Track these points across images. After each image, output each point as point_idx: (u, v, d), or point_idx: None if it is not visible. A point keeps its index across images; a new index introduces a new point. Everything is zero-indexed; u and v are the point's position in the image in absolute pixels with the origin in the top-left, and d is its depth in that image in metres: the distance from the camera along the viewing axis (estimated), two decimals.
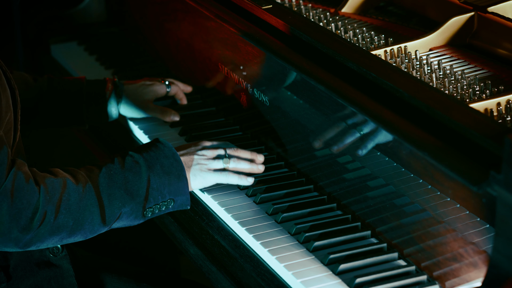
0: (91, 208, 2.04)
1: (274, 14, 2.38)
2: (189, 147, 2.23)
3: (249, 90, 2.44)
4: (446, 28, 2.35)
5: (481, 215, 1.79)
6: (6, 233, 1.96)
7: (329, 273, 1.94)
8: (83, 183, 2.05)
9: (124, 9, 3.18)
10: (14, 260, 2.19)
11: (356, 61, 2.11)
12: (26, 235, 1.98)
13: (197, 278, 2.72)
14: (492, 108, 2.00)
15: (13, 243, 1.98)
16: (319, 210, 2.16)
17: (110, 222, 2.08)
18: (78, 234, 2.05)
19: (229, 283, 2.06)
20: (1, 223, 1.95)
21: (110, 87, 2.58)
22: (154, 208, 2.12)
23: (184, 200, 2.15)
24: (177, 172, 2.13)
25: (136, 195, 2.08)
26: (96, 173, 2.08)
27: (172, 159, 2.14)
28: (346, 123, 2.09)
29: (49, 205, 1.98)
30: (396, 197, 1.99)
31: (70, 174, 2.06)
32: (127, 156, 2.12)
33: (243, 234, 2.10)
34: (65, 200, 2.01)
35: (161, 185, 2.11)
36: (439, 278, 1.89)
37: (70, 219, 2.02)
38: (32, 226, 1.97)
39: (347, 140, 2.11)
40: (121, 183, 2.07)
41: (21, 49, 3.66)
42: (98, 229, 2.07)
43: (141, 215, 2.12)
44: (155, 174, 2.10)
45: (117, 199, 2.06)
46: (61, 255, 2.23)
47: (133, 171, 2.09)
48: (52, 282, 2.22)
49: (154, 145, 2.17)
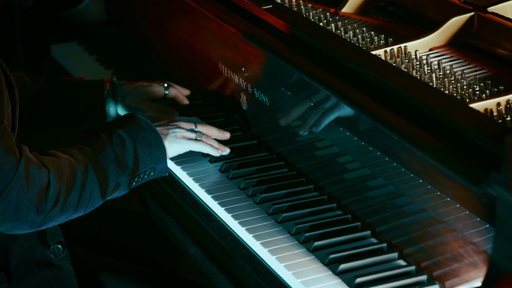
0: (92, 184, 2.12)
1: (274, 14, 2.38)
2: (162, 120, 2.35)
3: (249, 90, 2.44)
4: (446, 28, 2.35)
5: (481, 215, 1.79)
6: (24, 216, 2.02)
7: (329, 273, 1.94)
8: (82, 162, 2.13)
9: (124, 9, 3.18)
10: (14, 260, 2.20)
11: (356, 61, 2.11)
12: (40, 216, 2.04)
13: (197, 278, 2.72)
14: (492, 108, 2.00)
15: (28, 225, 2.04)
16: (319, 210, 2.16)
17: (107, 195, 2.17)
18: (81, 210, 2.13)
19: (229, 283, 2.06)
20: (20, 208, 2.00)
21: (108, 87, 2.59)
22: (137, 177, 2.22)
23: (163, 167, 2.26)
24: (156, 142, 2.24)
25: (126, 167, 2.18)
26: (88, 151, 2.16)
27: (150, 130, 2.25)
28: (346, 123, 2.09)
29: (60, 186, 2.06)
30: (396, 197, 1.99)
31: (68, 154, 2.14)
32: (112, 133, 2.21)
33: (243, 234, 2.10)
34: (71, 179, 2.09)
35: (144, 156, 2.21)
36: (439, 278, 1.89)
37: (76, 197, 2.09)
38: (47, 207, 2.04)
39: (347, 140, 2.11)
40: (112, 158, 2.16)
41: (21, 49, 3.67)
42: (97, 203, 2.16)
43: (127, 186, 2.21)
44: (139, 146, 2.21)
45: (112, 173, 2.16)
46: (62, 256, 2.24)
47: (120, 146, 2.19)
48: (53, 282, 2.23)
49: (131, 119, 2.27)
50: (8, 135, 2.00)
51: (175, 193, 2.31)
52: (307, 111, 2.22)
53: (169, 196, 2.33)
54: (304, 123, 2.24)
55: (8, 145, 1.99)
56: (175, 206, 2.30)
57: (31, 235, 2.21)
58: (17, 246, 2.20)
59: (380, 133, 1.99)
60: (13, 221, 2.01)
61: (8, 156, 1.97)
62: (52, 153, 2.13)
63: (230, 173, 2.32)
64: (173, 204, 2.31)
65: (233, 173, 2.32)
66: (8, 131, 2.01)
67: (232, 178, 2.31)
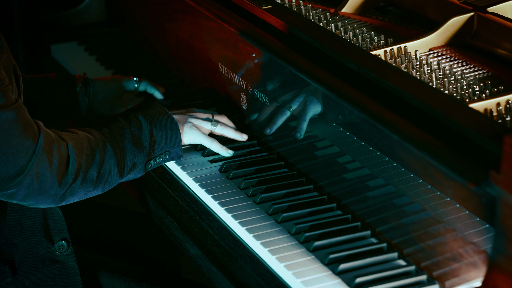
0: (110, 161, 2.17)
1: (274, 14, 2.38)
2: (180, 109, 2.41)
3: (249, 90, 2.44)
4: (446, 28, 2.35)
5: (481, 215, 1.80)
6: (48, 190, 2.07)
7: (329, 273, 1.94)
8: (99, 139, 2.18)
9: (124, 9, 3.19)
10: (19, 255, 2.21)
11: (356, 61, 2.11)
12: (62, 189, 2.09)
13: (197, 278, 2.72)
14: (491, 108, 2.00)
15: (51, 198, 2.09)
16: (319, 210, 2.16)
17: (124, 174, 2.22)
18: (100, 187, 2.17)
19: (229, 283, 2.06)
20: (44, 181, 2.05)
21: (80, 84, 2.64)
22: (153, 160, 2.27)
23: (177, 151, 2.32)
24: (171, 126, 2.30)
25: (142, 148, 2.23)
26: (106, 131, 2.22)
27: (165, 115, 2.30)
28: (346, 123, 2.10)
29: (79, 159, 2.11)
30: (396, 197, 1.99)
31: (87, 131, 2.19)
32: (129, 115, 2.27)
33: (243, 234, 2.10)
34: (90, 154, 2.14)
35: (160, 138, 2.27)
36: (439, 278, 1.89)
37: (95, 172, 2.14)
38: (68, 180, 2.09)
39: (347, 140, 2.11)
40: (129, 137, 2.22)
41: (21, 49, 3.66)
42: (115, 181, 2.21)
43: (144, 167, 2.26)
44: (155, 128, 2.26)
45: (129, 152, 2.21)
46: (67, 252, 2.25)
47: (137, 127, 2.24)
48: (57, 279, 2.23)
49: (147, 104, 2.33)
50: (24, 111, 2.05)
51: (175, 193, 2.31)
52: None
53: (169, 196, 2.33)
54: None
55: (27, 120, 2.04)
56: (175, 206, 2.30)
57: (37, 230, 2.22)
58: (22, 240, 2.21)
59: (380, 133, 1.99)
60: (37, 195, 2.06)
61: (28, 131, 2.03)
62: (71, 130, 2.18)
63: (230, 173, 2.32)
64: (173, 204, 2.31)
65: (233, 173, 2.32)
66: (24, 107, 2.06)
67: (232, 178, 2.31)
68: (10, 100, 2.02)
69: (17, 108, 2.02)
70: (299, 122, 2.26)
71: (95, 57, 3.12)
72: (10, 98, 2.02)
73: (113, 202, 2.60)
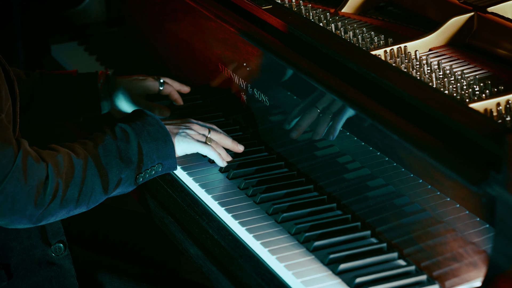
0: (93, 178, 2.11)
1: (274, 14, 2.38)
2: (176, 120, 2.34)
3: (249, 90, 2.44)
4: (446, 28, 2.35)
5: (481, 215, 1.79)
6: (22, 210, 2.01)
7: (329, 273, 1.94)
8: (82, 156, 2.12)
9: (124, 9, 3.19)
10: (15, 258, 2.20)
11: (356, 61, 2.11)
12: (39, 210, 2.03)
13: (197, 278, 2.72)
14: (491, 108, 2.00)
15: (27, 219, 2.03)
16: (319, 210, 2.16)
17: (110, 190, 2.15)
18: (83, 205, 2.12)
19: (229, 283, 2.06)
20: (17, 201, 2.00)
21: (102, 80, 2.60)
22: (144, 173, 2.21)
23: (171, 163, 2.25)
24: (163, 137, 2.22)
25: (130, 162, 2.17)
26: (90, 145, 2.15)
27: (156, 125, 2.23)
28: (346, 123, 2.09)
29: (59, 179, 2.05)
30: (396, 197, 1.99)
31: (69, 148, 2.13)
32: (116, 127, 2.21)
33: (243, 234, 2.10)
34: (70, 173, 2.08)
35: (150, 151, 2.20)
36: (439, 278, 1.89)
37: (76, 191, 2.09)
38: (45, 201, 2.03)
39: (347, 140, 2.11)
40: (115, 152, 2.16)
41: (21, 49, 3.67)
42: (100, 198, 2.15)
43: (134, 181, 2.20)
44: (144, 140, 2.19)
45: (114, 167, 2.14)
46: (63, 255, 2.24)
47: (123, 140, 2.18)
48: (53, 281, 2.23)
49: (138, 114, 2.26)
50: (4, 127, 2.00)
51: (175, 193, 2.31)
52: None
53: (169, 196, 2.33)
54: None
55: (5, 138, 1.98)
56: (175, 206, 2.30)
57: (33, 233, 2.21)
58: (18, 244, 2.20)
59: (380, 133, 1.99)
60: (10, 215, 2.00)
61: (5, 149, 1.97)
62: (52, 147, 2.13)
63: (230, 173, 2.32)
64: (173, 204, 2.31)
65: (233, 173, 2.32)
66: (4, 123, 2.00)
67: (232, 178, 2.31)
68: None
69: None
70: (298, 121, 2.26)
71: (95, 57, 3.12)
72: None
73: (113, 202, 2.60)
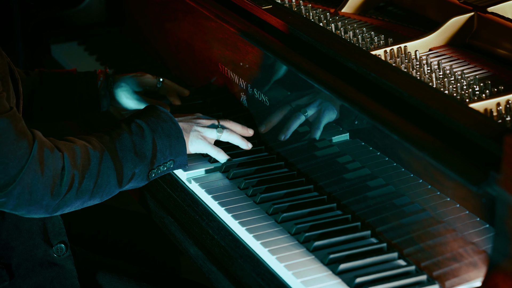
0: (108, 171, 2.13)
1: (274, 14, 2.38)
2: (186, 115, 2.35)
3: (249, 90, 2.44)
4: (446, 28, 2.35)
5: (481, 215, 1.79)
6: (39, 201, 2.03)
7: (329, 273, 1.94)
8: (99, 148, 2.14)
9: (124, 9, 3.19)
10: (17, 258, 2.20)
11: (356, 61, 2.11)
12: (55, 200, 2.05)
13: (197, 278, 2.72)
14: (491, 108, 2.00)
15: (44, 209, 2.06)
16: (319, 210, 2.16)
17: (124, 184, 2.18)
18: (97, 197, 2.14)
19: (229, 283, 2.06)
20: (35, 191, 2.02)
21: (101, 78, 2.62)
22: (157, 169, 2.23)
23: (182, 160, 2.26)
24: (176, 134, 2.24)
25: (144, 157, 2.19)
26: (107, 139, 2.17)
27: (170, 122, 2.25)
28: (346, 123, 2.10)
29: (75, 170, 2.07)
30: (396, 197, 1.99)
31: (85, 140, 2.15)
32: (132, 123, 2.22)
33: (243, 234, 2.10)
34: (87, 164, 2.10)
35: (163, 147, 2.22)
36: (439, 278, 1.89)
37: (92, 183, 2.11)
38: (61, 191, 2.05)
39: (347, 140, 2.11)
40: (131, 147, 2.18)
41: (21, 49, 3.67)
42: (114, 191, 2.17)
43: (146, 176, 2.22)
44: (158, 136, 2.21)
45: (129, 161, 2.17)
46: (65, 255, 2.24)
47: (139, 135, 2.20)
48: (55, 282, 2.23)
49: (152, 110, 2.28)
50: (18, 119, 2.02)
51: (175, 193, 2.31)
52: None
53: (169, 196, 2.33)
54: (304, 123, 2.24)
55: (20, 129, 2.01)
56: (175, 206, 2.30)
57: (35, 234, 2.22)
58: (20, 244, 2.20)
59: (380, 133, 1.99)
60: (28, 205, 2.03)
61: (20, 140, 1.99)
62: (69, 139, 2.15)
63: (230, 173, 2.32)
64: (173, 204, 2.31)
65: (233, 173, 2.32)
66: (18, 115, 2.03)
67: (232, 178, 2.31)
68: (4, 107, 1.99)
69: (10, 116, 1.99)
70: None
71: (95, 57, 3.13)
72: (3, 106, 1.99)
73: (113, 202, 2.60)
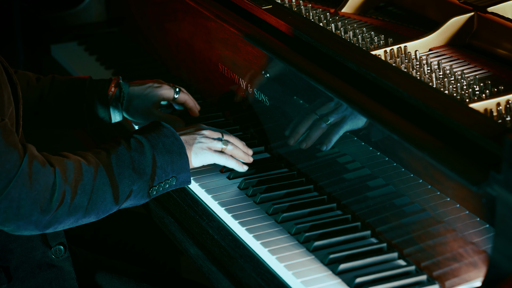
0: (104, 187, 2.07)
1: (274, 14, 2.38)
2: (188, 129, 2.29)
3: (249, 90, 2.44)
4: (446, 28, 2.35)
5: (481, 215, 1.80)
6: (27, 216, 1.98)
7: (329, 273, 1.94)
8: (94, 164, 2.08)
9: (124, 9, 3.19)
10: (15, 261, 2.19)
11: (356, 61, 2.11)
12: (45, 216, 2.00)
13: (197, 278, 2.72)
14: (491, 108, 2.00)
15: (33, 225, 2.00)
16: (319, 210, 2.16)
17: (121, 201, 2.11)
18: (92, 214, 2.08)
19: (229, 283, 2.06)
20: (23, 206, 1.97)
21: (113, 89, 2.53)
22: (158, 186, 2.16)
23: (185, 177, 2.20)
24: (178, 150, 2.18)
25: (143, 174, 2.13)
26: (104, 155, 2.12)
27: (172, 137, 2.18)
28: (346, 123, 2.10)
29: (66, 186, 2.02)
30: (396, 197, 1.99)
31: (81, 156, 2.10)
32: (131, 138, 2.17)
33: (243, 234, 2.10)
34: (80, 180, 2.04)
35: (165, 163, 2.16)
36: (439, 278, 1.89)
37: (85, 199, 2.05)
38: (51, 207, 2.00)
39: (347, 140, 2.11)
40: (129, 163, 2.12)
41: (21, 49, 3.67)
42: (110, 208, 2.11)
43: (147, 194, 2.15)
44: (159, 152, 2.15)
45: (126, 178, 2.11)
46: (63, 257, 2.23)
47: (138, 151, 2.14)
48: (53, 284, 2.22)
49: (154, 126, 2.22)
50: (9, 132, 1.97)
51: (175, 193, 2.31)
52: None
53: (169, 196, 2.33)
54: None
55: (10, 142, 1.96)
56: (175, 206, 2.30)
57: (33, 236, 2.20)
58: (18, 246, 2.19)
59: (380, 133, 1.99)
60: (16, 221, 1.98)
61: (10, 153, 1.95)
62: (64, 154, 2.09)
63: (230, 173, 2.32)
64: (173, 204, 2.31)
65: (233, 174, 2.32)
66: (9, 128, 1.98)
67: (232, 178, 2.31)
68: None
69: (0, 128, 1.94)
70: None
71: (95, 57, 3.13)
72: None
73: None
